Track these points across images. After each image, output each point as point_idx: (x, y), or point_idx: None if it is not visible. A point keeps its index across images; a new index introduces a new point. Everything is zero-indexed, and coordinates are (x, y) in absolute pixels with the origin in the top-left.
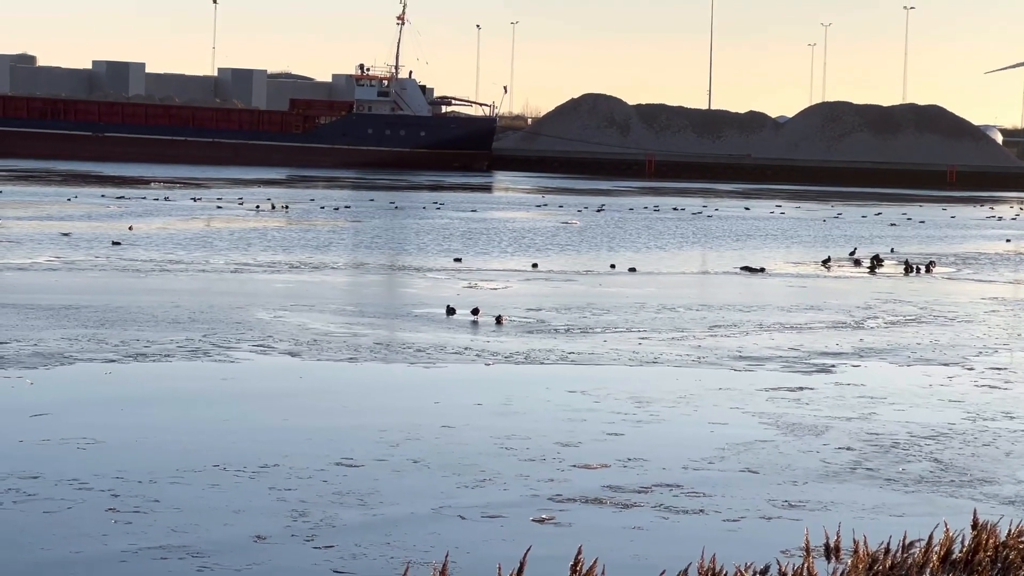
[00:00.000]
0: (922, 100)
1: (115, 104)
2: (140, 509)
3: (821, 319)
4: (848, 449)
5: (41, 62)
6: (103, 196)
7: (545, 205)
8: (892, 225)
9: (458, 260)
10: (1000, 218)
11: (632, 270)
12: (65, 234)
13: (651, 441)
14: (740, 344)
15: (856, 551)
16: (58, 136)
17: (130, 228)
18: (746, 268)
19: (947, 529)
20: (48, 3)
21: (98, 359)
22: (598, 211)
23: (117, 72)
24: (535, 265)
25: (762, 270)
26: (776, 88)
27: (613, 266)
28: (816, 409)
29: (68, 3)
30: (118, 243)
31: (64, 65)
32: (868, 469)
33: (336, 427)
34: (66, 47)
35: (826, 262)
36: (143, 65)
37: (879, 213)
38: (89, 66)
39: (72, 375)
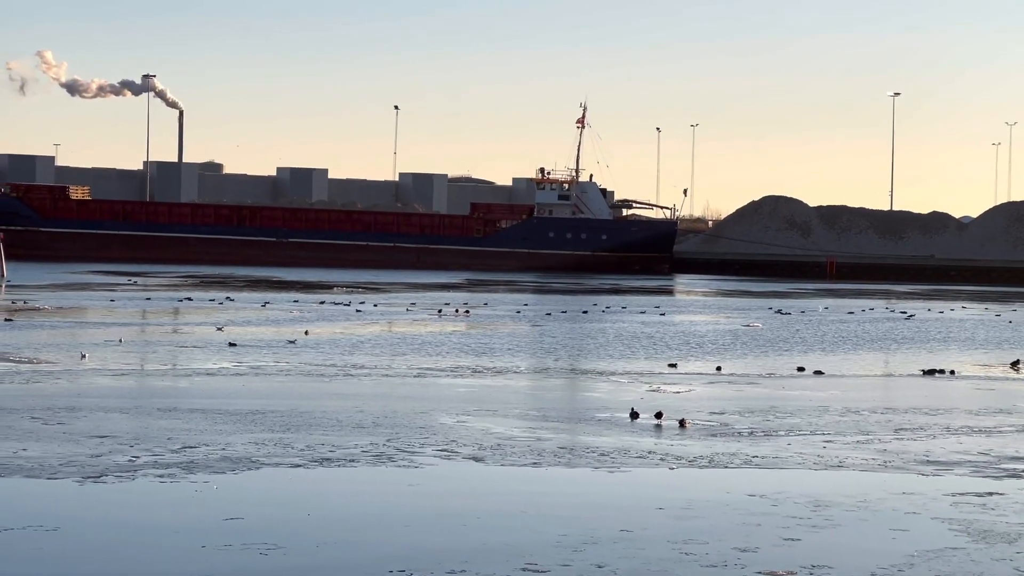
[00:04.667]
0: None
1: (298, 210)
2: None
3: (1011, 423)
4: None
5: (228, 170)
6: (296, 301)
7: (755, 317)
8: None
9: (672, 365)
10: None
11: (818, 373)
12: (279, 348)
13: (832, 546)
14: (927, 448)
15: None
16: (243, 242)
17: (305, 333)
18: (932, 370)
19: None
20: (234, 113)
21: (284, 464)
22: (778, 313)
23: (300, 178)
24: (719, 368)
25: (950, 372)
26: (959, 188)
27: (802, 369)
28: (1006, 516)
29: (253, 112)
30: (292, 342)
31: (249, 172)
32: None
33: (519, 530)
34: (251, 154)
35: (1015, 364)
36: (326, 171)
37: None
38: (273, 173)
39: (258, 480)
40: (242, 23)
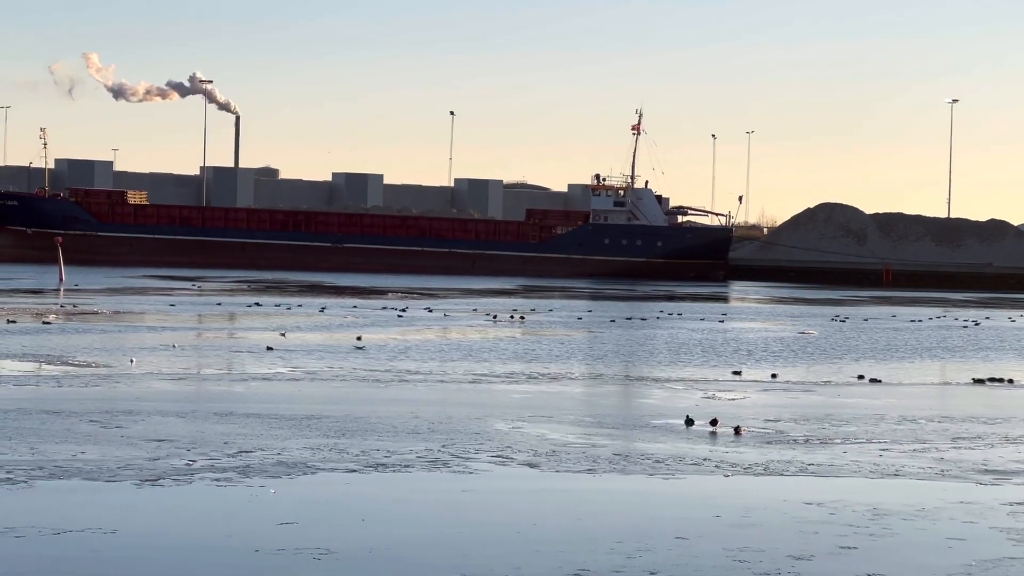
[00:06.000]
0: None
1: (353, 215)
2: None
3: None
4: None
5: (283, 175)
6: (355, 307)
7: (810, 324)
8: None
9: (737, 373)
10: None
11: (874, 381)
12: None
13: (889, 555)
14: (985, 457)
15: None
16: (299, 247)
17: (358, 339)
18: (991, 379)
19: None
20: (290, 118)
21: (339, 469)
22: (833, 321)
23: (356, 184)
24: (774, 375)
25: (1009, 381)
26: (1018, 195)
27: (861, 377)
28: None
29: (309, 118)
30: (360, 348)
31: (305, 177)
32: None
33: (572, 538)
34: (307, 160)
35: None
36: (381, 177)
37: None
38: (329, 178)
39: (313, 485)
40: (298, 28)
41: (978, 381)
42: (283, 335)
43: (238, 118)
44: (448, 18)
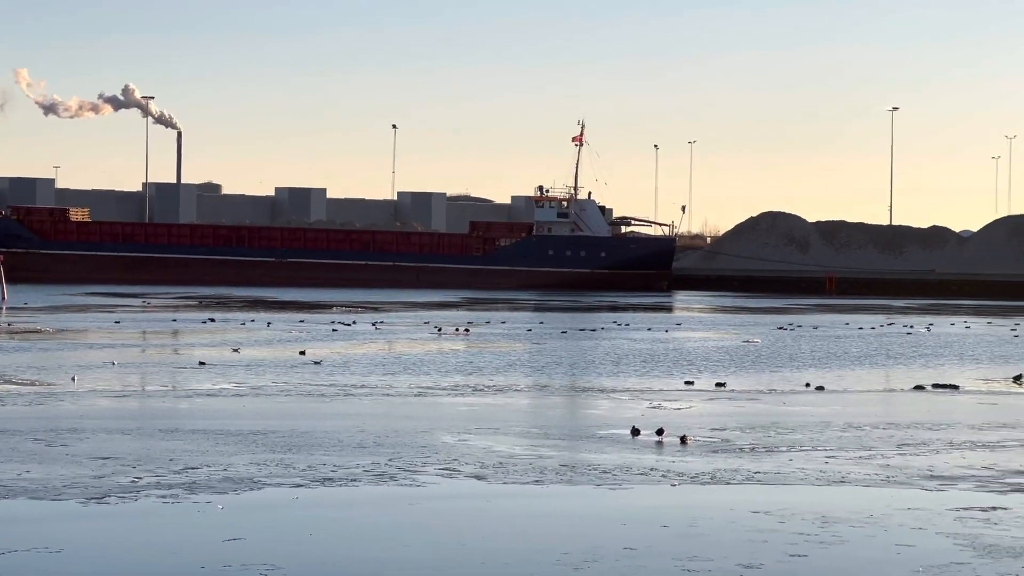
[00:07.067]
0: None
1: (297, 230)
2: None
3: (1015, 437)
4: None
5: (226, 190)
6: (301, 321)
7: (754, 332)
8: None
9: (689, 383)
10: None
11: (819, 388)
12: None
13: (838, 563)
14: (930, 463)
15: None
16: (242, 262)
17: (302, 353)
18: (935, 385)
19: None
20: (232, 133)
21: (286, 484)
22: (779, 329)
23: (299, 198)
24: (719, 384)
25: (952, 387)
26: (959, 202)
27: (807, 384)
28: (1010, 530)
29: (251, 132)
30: (318, 363)
31: (247, 192)
32: None
33: (519, 550)
34: (249, 175)
35: (1018, 379)
36: (324, 191)
37: None
38: (272, 193)
39: (260, 500)
40: (238, 42)
41: (918, 387)
42: (236, 351)
43: (180, 134)
44: (390, 32)
